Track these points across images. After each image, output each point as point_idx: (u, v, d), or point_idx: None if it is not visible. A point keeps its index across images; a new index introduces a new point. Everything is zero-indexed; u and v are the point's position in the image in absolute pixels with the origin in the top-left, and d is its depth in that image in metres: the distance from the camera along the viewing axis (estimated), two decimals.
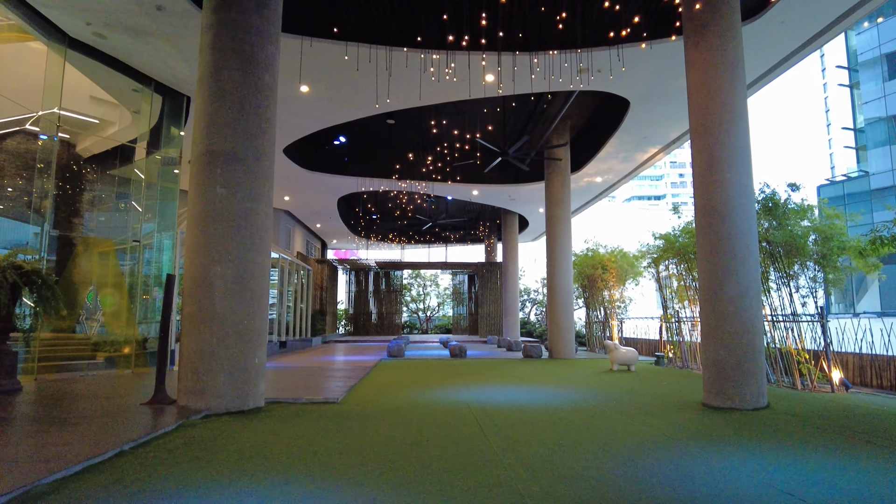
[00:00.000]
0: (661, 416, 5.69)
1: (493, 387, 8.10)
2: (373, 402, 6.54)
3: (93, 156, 15.07)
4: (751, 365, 6.16)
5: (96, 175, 15.35)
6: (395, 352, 13.78)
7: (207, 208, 6.03)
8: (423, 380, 9.01)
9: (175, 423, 4.95)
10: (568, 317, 13.91)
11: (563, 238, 14.07)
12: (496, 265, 25.74)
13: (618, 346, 10.91)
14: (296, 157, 15.23)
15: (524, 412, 5.94)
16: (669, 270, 12.96)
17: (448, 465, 3.79)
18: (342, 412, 5.87)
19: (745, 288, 6.29)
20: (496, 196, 19.38)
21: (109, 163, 14.52)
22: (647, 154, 14.90)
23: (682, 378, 9.53)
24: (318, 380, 8.63)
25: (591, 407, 6.31)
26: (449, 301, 33.28)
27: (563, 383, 8.62)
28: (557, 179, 14.27)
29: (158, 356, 6.04)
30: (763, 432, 4.95)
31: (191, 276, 5.99)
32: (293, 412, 5.82)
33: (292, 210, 21.43)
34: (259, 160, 6.30)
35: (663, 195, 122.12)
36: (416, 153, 15.77)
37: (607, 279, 16.20)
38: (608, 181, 17.34)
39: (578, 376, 9.69)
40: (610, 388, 7.95)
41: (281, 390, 7.33)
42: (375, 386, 8.15)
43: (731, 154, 6.52)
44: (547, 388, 7.95)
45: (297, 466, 3.74)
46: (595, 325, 17.79)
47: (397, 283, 28.47)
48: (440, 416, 5.65)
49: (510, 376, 9.65)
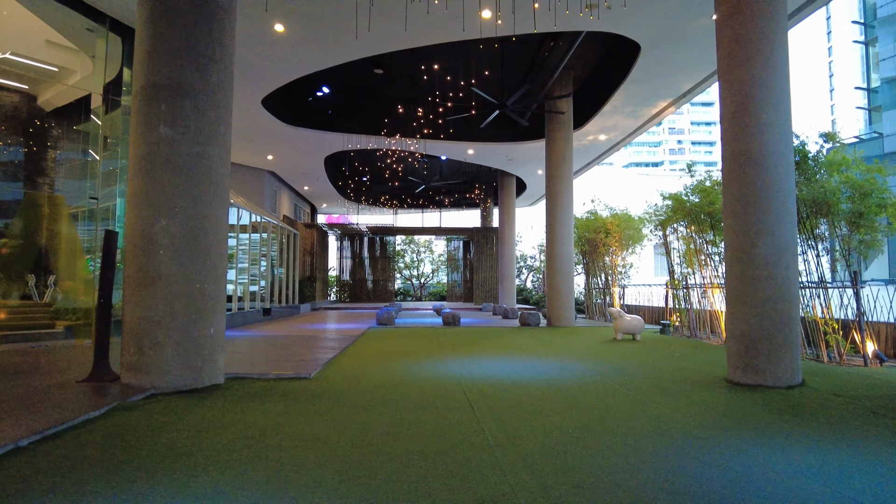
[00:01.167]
0: (684, 396, 4.90)
1: (487, 359, 7.31)
2: (351, 378, 5.73)
3: (55, 109, 13.90)
4: (785, 336, 5.35)
5: (60, 130, 14.22)
6: (384, 319, 13.00)
7: (150, 152, 5.06)
8: (412, 350, 8.22)
9: (105, 407, 4.10)
10: (568, 283, 13.10)
11: (565, 199, 13.13)
12: (492, 230, 24.84)
13: (622, 314, 10.13)
14: (276, 111, 14.09)
15: (524, 391, 5.13)
16: (678, 233, 12.10)
17: (430, 465, 2.96)
18: (313, 391, 5.05)
19: (781, 248, 5.42)
20: (493, 156, 18.32)
21: (75, 117, 13.40)
22: (656, 108, 13.84)
23: (693, 349, 8.77)
24: (295, 351, 7.81)
25: (601, 383, 5.52)
26: (443, 268, 32.51)
27: (565, 354, 7.84)
28: (559, 135, 13.24)
29: (96, 325, 5.17)
30: (809, 418, 4.15)
31: (132, 231, 5.06)
32: (255, 391, 5.00)
33: (277, 171, 20.32)
34: (212, 95, 5.29)
35: (661, 162, 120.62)
36: (407, 107, 14.63)
37: (610, 244, 15.35)
38: (612, 139, 16.28)
39: (580, 346, 8.93)
40: (617, 361, 7.17)
41: (249, 363, 6.50)
42: (358, 358, 7.34)
43: (769, 91, 5.55)
44: (547, 361, 7.17)
45: (235, 466, 2.91)
46: (595, 293, 17.04)
47: (390, 248, 27.58)
48: (427, 396, 4.83)
49: (506, 346, 8.88)
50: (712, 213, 10.28)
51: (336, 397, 4.76)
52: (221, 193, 5.39)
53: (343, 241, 26.99)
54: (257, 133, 15.23)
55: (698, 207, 10.70)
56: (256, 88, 12.40)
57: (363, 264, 27.16)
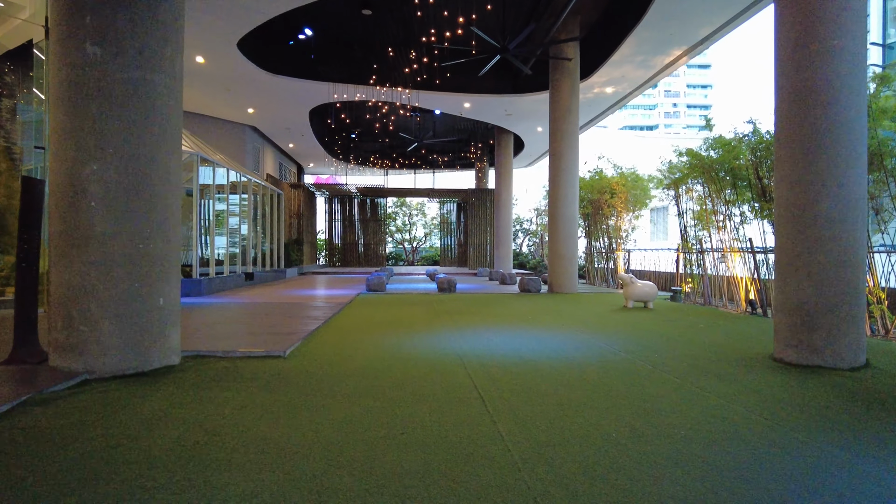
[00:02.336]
0: (731, 379, 4.07)
1: (490, 330, 6.46)
2: (332, 357, 4.85)
3: (7, 52, 12.53)
4: (850, 308, 4.50)
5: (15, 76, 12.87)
6: (374, 285, 12.11)
7: (73, 77, 4.00)
8: (405, 320, 7.35)
9: (14, 401, 3.20)
10: (571, 246, 12.23)
11: (569, 156, 12.12)
12: (487, 192, 23.80)
13: (634, 280, 9.31)
14: (255, 57, 12.80)
15: (540, 373, 4.28)
16: (692, 193, 11.19)
17: (434, 496, 2.09)
18: (286, 374, 4.16)
19: (850, 203, 4.52)
20: (491, 110, 17.12)
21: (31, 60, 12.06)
22: (669, 58, 12.70)
23: (715, 318, 7.98)
24: (272, 321, 6.91)
25: (627, 363, 4.68)
26: (436, 231, 31.55)
27: (576, 325, 7.01)
28: (565, 84, 12.11)
29: (16, 296, 4.21)
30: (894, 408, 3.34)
31: (55, 178, 4.05)
32: (215, 374, 4.10)
33: (259, 126, 19.01)
34: (153, 6, 4.20)
35: (656, 125, 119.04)
36: (399, 51, 13.34)
37: (615, 205, 14.44)
38: (619, 93, 15.14)
39: (590, 315, 8.11)
40: (637, 333, 6.35)
41: (215, 337, 5.60)
42: (343, 330, 6.46)
43: (841, 9, 4.54)
44: (558, 333, 6.33)
45: (164, 492, 2.03)
46: (596, 257, 16.22)
47: (381, 211, 26.51)
48: (424, 382, 3.97)
49: (509, 315, 8.04)
50: (735, 169, 9.35)
51: (313, 383, 3.88)
52: (171, 133, 4.35)
53: (332, 204, 25.86)
54: (235, 81, 13.94)
55: (718, 163, 9.77)
56: (231, 28, 11.10)
57: (353, 227, 26.13)
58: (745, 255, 9.47)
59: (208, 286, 11.19)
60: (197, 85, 14.05)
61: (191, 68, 12.73)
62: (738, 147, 9.25)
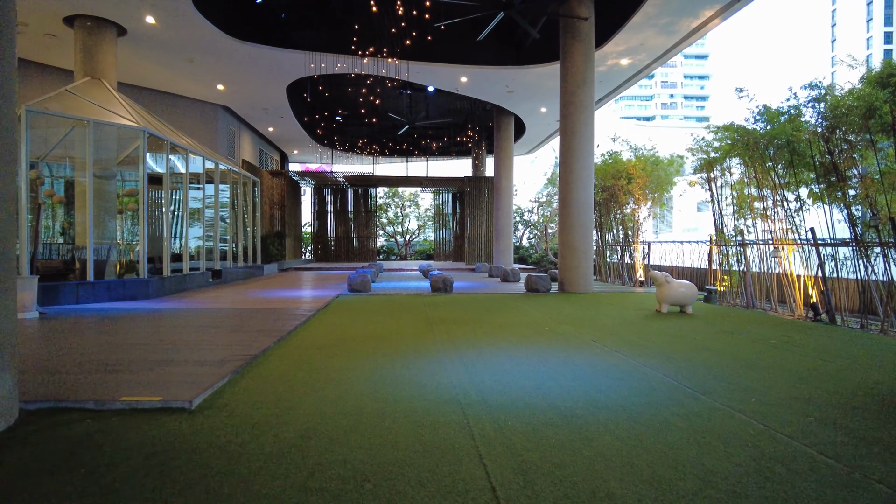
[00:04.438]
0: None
1: (499, 349, 4.79)
2: (264, 411, 3.15)
3: None
4: None
5: None
6: (357, 285, 10.40)
7: None
8: (387, 335, 5.66)
9: None
10: (586, 238, 10.57)
11: (584, 132, 10.41)
12: (485, 181, 22.06)
13: (669, 280, 7.65)
14: (217, 20, 11.00)
15: (592, 444, 2.60)
16: (730, 174, 9.53)
17: None
18: (179, 449, 2.46)
19: None
20: (490, 86, 15.34)
21: None
22: (698, 20, 10.99)
23: (776, 328, 6.33)
24: (206, 338, 5.19)
25: (717, 414, 3.01)
26: (431, 224, 29.82)
27: (607, 339, 5.35)
28: (578, 49, 10.38)
29: None
30: None
31: None
32: (63, 450, 2.41)
33: (232, 106, 17.17)
34: None
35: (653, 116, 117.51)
36: (384, 10, 11.54)
37: (632, 191, 12.77)
38: (635, 65, 13.43)
39: (620, 324, 6.45)
40: (696, 354, 4.69)
41: (97, 372, 3.86)
42: (299, 355, 4.74)
43: None
44: (589, 353, 4.66)
45: None
46: (609, 251, 14.56)
47: (371, 202, 24.73)
48: (401, 473, 2.28)
49: (519, 325, 6.37)
50: (795, 142, 7.69)
51: (219, 478, 2.19)
52: None
53: (320, 194, 24.06)
54: (197, 50, 12.13)
55: (769, 138, 8.10)
56: None
57: (341, 219, 24.35)
58: (804, 249, 7.84)
59: (159, 287, 9.46)
60: (153, 54, 12.22)
61: (141, 31, 10.92)
62: (797, 118, 7.59)
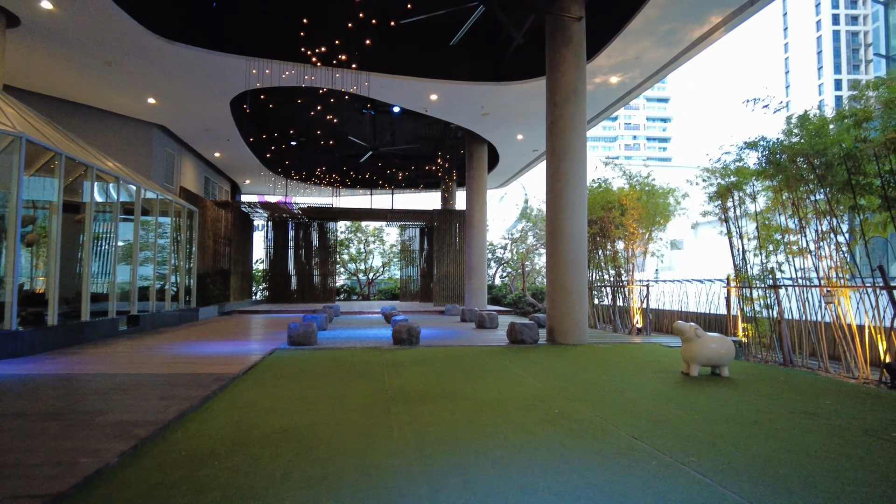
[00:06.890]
0: None
1: (500, 469, 2.81)
2: None
3: None
4: None
5: None
6: (299, 337, 8.26)
7: None
8: (319, 429, 3.61)
9: None
10: (579, 277, 8.80)
11: (576, 153, 8.79)
12: (456, 214, 20.34)
13: (700, 333, 5.86)
14: (140, 14, 9.08)
15: None
16: (754, 203, 7.97)
17: None
18: None
19: None
20: (463, 106, 13.72)
21: None
22: (703, 28, 9.67)
23: (856, 400, 4.55)
24: (6, 442, 3.06)
25: None
26: (396, 261, 27.81)
27: (661, 436, 3.43)
28: (568, 57, 8.86)
29: None
30: None
31: None
32: None
33: (169, 125, 15.05)
34: None
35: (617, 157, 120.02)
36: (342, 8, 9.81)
37: (626, 224, 11.16)
38: (626, 84, 12.05)
39: (659, 402, 4.56)
40: (793, 462, 2.83)
41: None
42: (153, 484, 2.67)
43: None
44: (653, 472, 2.73)
45: None
46: (596, 293, 12.85)
47: (331, 237, 22.64)
48: None
49: (516, 404, 4.41)
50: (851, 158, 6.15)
51: None
52: None
53: (274, 227, 21.85)
54: (116, 50, 10.11)
55: (814, 152, 6.56)
56: None
57: (298, 256, 22.13)
58: (867, 293, 6.20)
59: (41, 340, 7.16)
60: (59, 53, 10.13)
61: (41, 22, 8.88)
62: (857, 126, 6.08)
